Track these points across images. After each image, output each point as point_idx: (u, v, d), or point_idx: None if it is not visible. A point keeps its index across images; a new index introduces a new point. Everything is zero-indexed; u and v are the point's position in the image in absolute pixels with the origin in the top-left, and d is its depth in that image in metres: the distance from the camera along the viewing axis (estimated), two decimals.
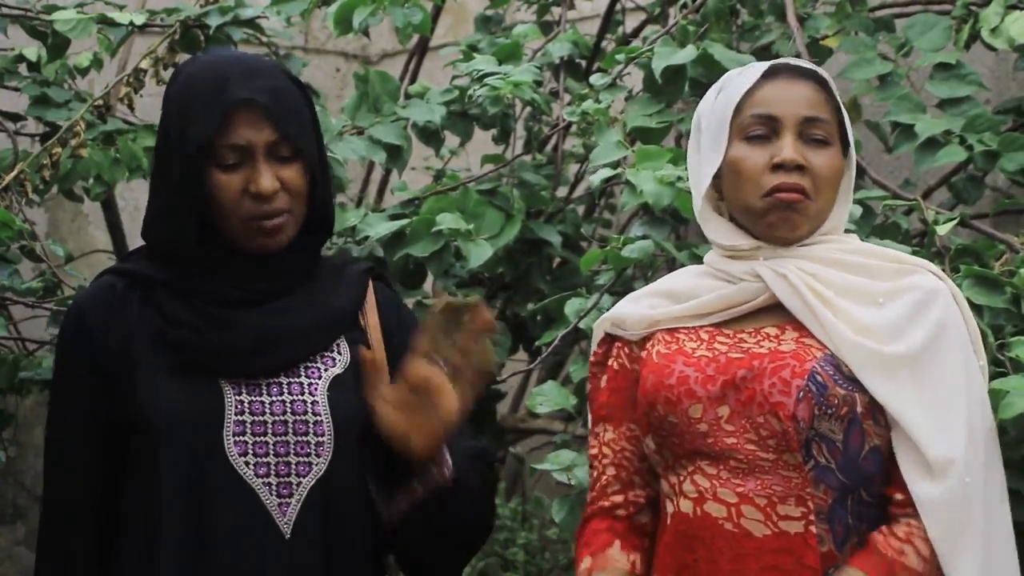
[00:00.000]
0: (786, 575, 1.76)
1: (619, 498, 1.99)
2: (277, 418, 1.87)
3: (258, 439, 1.86)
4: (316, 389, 1.90)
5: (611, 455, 1.99)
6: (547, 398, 2.44)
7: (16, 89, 3.12)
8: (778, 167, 1.85)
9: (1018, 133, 2.58)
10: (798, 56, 2.53)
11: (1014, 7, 2.61)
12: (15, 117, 3.13)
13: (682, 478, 1.85)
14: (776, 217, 1.86)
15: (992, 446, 1.84)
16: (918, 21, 2.76)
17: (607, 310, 2.48)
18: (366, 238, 2.77)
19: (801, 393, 1.77)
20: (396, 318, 2.03)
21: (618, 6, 3.50)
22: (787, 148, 1.85)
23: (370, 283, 2.01)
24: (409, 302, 3.16)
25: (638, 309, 1.96)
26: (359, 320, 1.99)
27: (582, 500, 2.35)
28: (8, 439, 3.30)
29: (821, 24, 2.82)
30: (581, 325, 2.50)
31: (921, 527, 1.77)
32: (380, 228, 2.75)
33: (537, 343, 2.70)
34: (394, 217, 2.83)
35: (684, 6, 2.92)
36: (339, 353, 1.95)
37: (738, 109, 1.88)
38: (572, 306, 2.54)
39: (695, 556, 1.82)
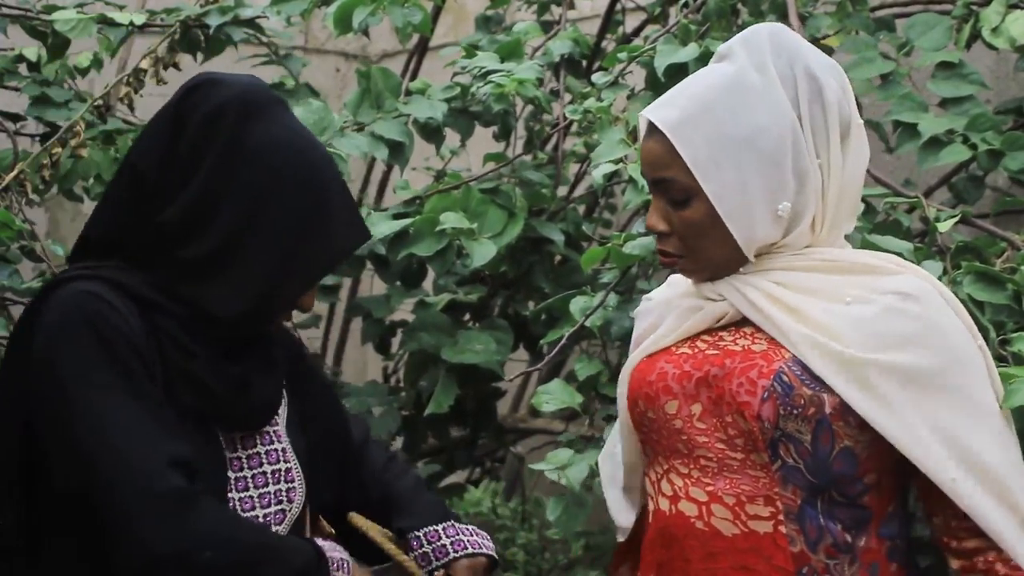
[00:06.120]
0: (757, 575, 1.76)
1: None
2: (256, 471, 1.79)
3: (242, 495, 1.78)
4: (280, 435, 1.84)
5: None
6: (553, 397, 2.42)
7: (16, 89, 3.11)
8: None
9: (1020, 132, 2.59)
10: None
11: (1014, 7, 2.61)
12: (15, 117, 3.12)
13: (660, 476, 1.87)
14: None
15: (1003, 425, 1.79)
16: (919, 21, 2.76)
17: (612, 308, 2.49)
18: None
19: (766, 393, 1.76)
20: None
21: (618, 6, 3.50)
22: (650, 215, 1.86)
23: None
24: (409, 302, 3.17)
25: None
26: None
27: (577, 500, 2.36)
28: None
29: (822, 23, 2.81)
30: (587, 323, 2.49)
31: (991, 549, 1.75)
32: (383, 227, 2.75)
33: (542, 342, 2.69)
34: (397, 216, 2.83)
35: (685, 5, 2.92)
36: None
37: None
38: (577, 304, 2.53)
39: (671, 554, 1.83)
